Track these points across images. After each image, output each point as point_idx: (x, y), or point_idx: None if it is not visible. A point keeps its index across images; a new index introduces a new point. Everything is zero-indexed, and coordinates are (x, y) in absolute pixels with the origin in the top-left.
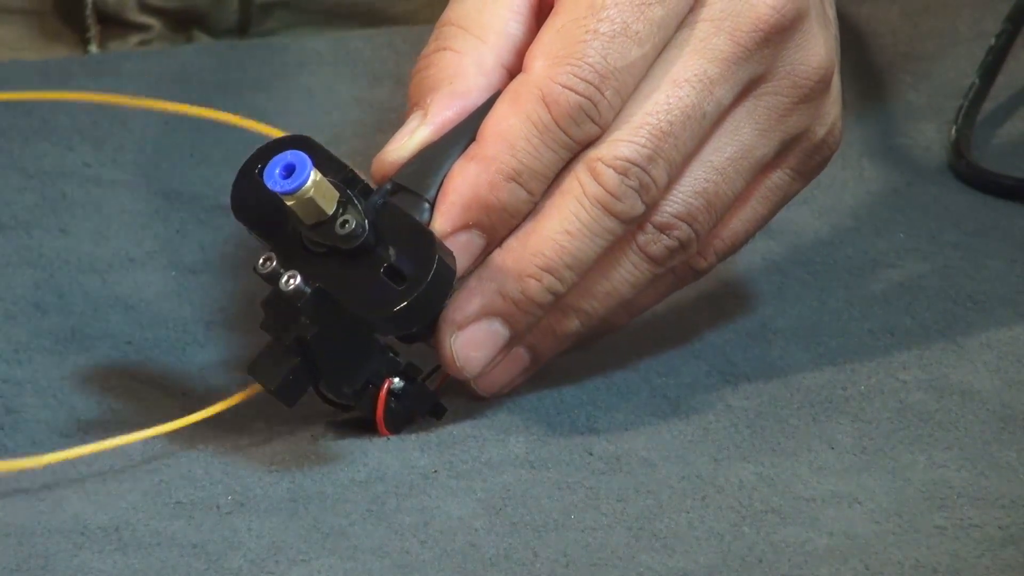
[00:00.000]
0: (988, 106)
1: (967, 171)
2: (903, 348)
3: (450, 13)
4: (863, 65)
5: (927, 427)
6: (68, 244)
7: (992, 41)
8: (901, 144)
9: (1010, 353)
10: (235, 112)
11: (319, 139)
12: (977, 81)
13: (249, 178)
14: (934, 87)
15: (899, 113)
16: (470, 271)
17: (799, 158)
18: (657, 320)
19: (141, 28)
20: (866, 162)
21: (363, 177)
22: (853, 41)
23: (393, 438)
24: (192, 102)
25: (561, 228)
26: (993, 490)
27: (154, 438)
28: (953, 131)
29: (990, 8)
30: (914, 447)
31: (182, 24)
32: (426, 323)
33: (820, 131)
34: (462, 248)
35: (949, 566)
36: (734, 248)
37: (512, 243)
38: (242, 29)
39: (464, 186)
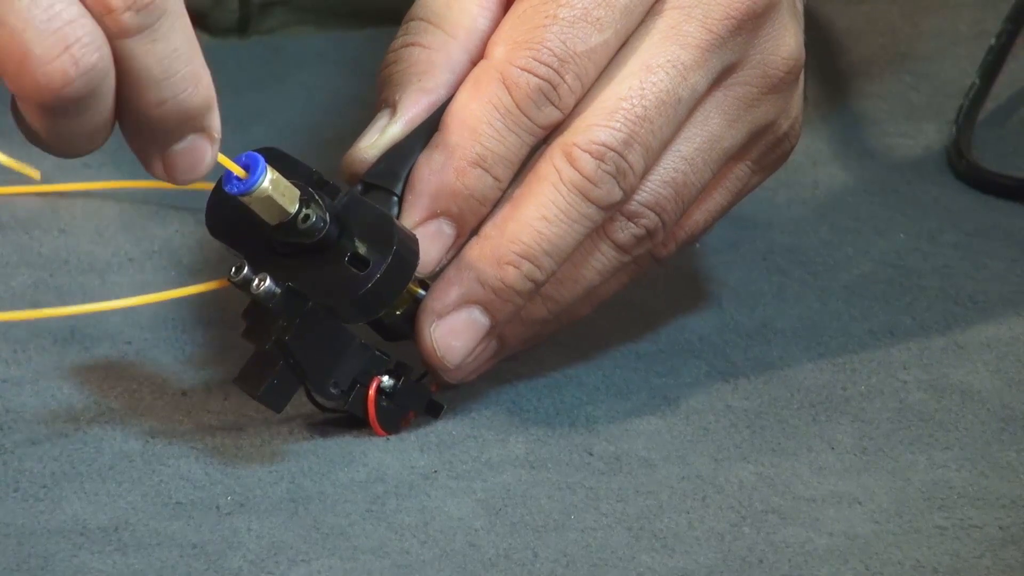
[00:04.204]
0: (988, 106)
1: (967, 171)
2: (903, 348)
3: (418, 8)
4: (862, 65)
5: (927, 427)
6: (68, 244)
7: (992, 41)
8: (901, 144)
9: (1010, 353)
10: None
11: (318, 138)
12: (977, 81)
13: (221, 195)
14: (934, 87)
15: (899, 113)
16: (443, 262)
17: (761, 151)
18: (657, 320)
19: None
20: (866, 162)
21: (336, 183)
22: (852, 40)
23: (393, 438)
24: None
25: (538, 215)
26: (993, 490)
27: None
28: (953, 131)
29: (990, 8)
30: (914, 447)
31: None
32: (391, 306)
33: (784, 124)
34: (431, 238)
35: (949, 566)
36: (694, 238)
37: (489, 231)
38: (242, 28)
39: (430, 175)
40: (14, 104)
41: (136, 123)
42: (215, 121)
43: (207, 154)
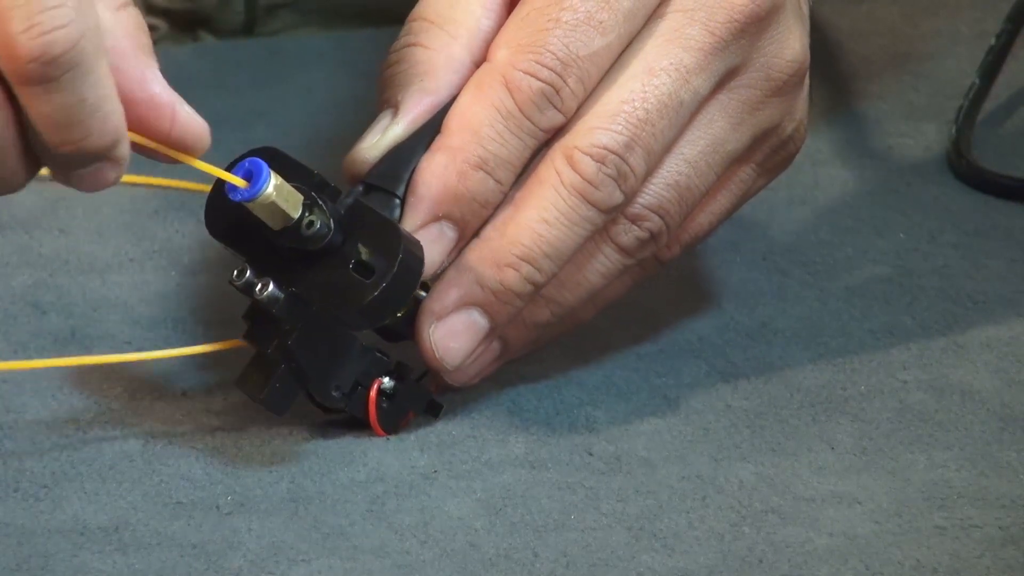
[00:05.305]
0: (988, 106)
1: (967, 171)
2: (903, 348)
3: (421, 8)
4: (862, 65)
5: (927, 427)
6: (68, 244)
7: (992, 41)
8: (901, 144)
9: (1010, 353)
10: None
11: (318, 139)
12: (977, 81)
13: (221, 196)
14: (934, 87)
15: (899, 113)
16: (445, 264)
17: (765, 153)
18: (657, 320)
19: None
20: (866, 162)
21: (338, 184)
22: (852, 41)
23: (392, 438)
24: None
25: (539, 217)
26: (993, 490)
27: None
28: (953, 131)
29: (990, 8)
30: (914, 447)
31: (188, 25)
32: (396, 314)
33: (789, 127)
34: (434, 240)
35: (949, 566)
36: (698, 240)
37: (490, 233)
38: (247, 30)
39: (432, 178)
40: None
41: (41, 151)
42: (122, 151)
43: (111, 176)
